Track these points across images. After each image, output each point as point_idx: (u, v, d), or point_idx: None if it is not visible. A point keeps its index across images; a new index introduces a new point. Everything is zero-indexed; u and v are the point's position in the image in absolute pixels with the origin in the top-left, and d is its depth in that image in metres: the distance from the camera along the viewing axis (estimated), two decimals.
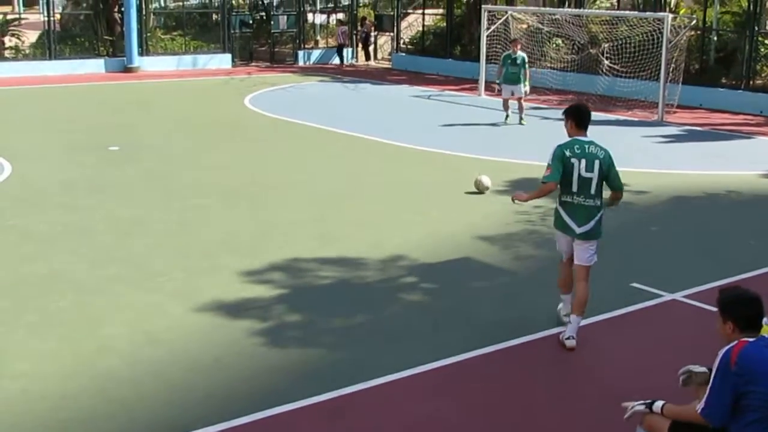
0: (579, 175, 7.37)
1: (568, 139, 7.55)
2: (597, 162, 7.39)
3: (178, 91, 25.46)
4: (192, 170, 14.52)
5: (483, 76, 24.05)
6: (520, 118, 19.22)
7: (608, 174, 7.46)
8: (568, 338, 7.56)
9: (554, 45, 26.21)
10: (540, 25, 25.15)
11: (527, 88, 19.32)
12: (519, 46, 19.56)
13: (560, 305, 8.10)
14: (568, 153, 7.39)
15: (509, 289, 9.09)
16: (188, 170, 14.53)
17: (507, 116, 19.33)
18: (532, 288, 9.02)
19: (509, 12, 25.00)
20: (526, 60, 19.33)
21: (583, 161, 7.37)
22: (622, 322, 8.25)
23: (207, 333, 7.77)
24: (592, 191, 7.42)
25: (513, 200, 7.93)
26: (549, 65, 25.47)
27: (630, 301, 8.59)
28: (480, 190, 13.08)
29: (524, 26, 25.70)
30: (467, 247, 10.30)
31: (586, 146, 7.43)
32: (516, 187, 13.16)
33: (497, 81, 19.82)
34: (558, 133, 8.53)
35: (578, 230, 7.49)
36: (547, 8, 27.05)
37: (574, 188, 7.40)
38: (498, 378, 7.09)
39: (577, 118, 7.54)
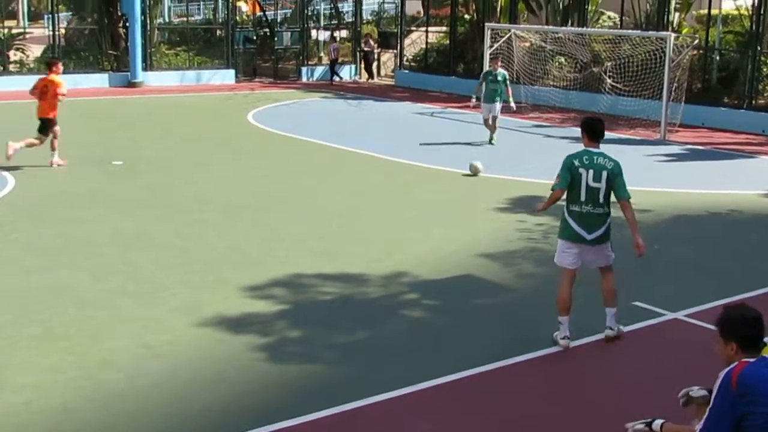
0: (587, 184, 7.68)
1: (580, 149, 7.89)
2: (605, 173, 7.70)
3: (181, 106, 25.54)
4: (195, 185, 14.56)
5: None
6: (491, 138, 18.90)
7: (613, 183, 7.72)
8: (606, 328, 7.99)
9: (557, 63, 26.31)
10: (543, 44, 25.25)
11: (513, 105, 19.10)
12: (499, 64, 19.32)
13: (556, 333, 7.96)
14: (576, 163, 7.73)
15: (511, 307, 9.10)
16: (191, 185, 14.57)
17: (492, 138, 18.90)
18: (534, 306, 9.02)
19: (512, 30, 25.10)
20: (507, 77, 19.09)
21: (591, 171, 7.69)
22: (624, 340, 8.23)
23: (208, 347, 7.78)
24: (600, 200, 7.74)
25: (535, 211, 8.74)
26: (552, 83, 25.56)
27: (632, 320, 8.57)
28: (474, 173, 15.23)
29: (527, 44, 25.80)
30: (469, 264, 10.32)
31: (595, 157, 7.76)
32: (517, 205, 13.23)
33: (473, 96, 19.68)
34: (561, 150, 8.60)
35: (588, 237, 7.77)
36: (550, 26, 27.15)
37: (582, 197, 7.71)
38: (498, 396, 7.09)
39: (590, 130, 7.92)
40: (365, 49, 33.66)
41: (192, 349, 7.71)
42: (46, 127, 15.57)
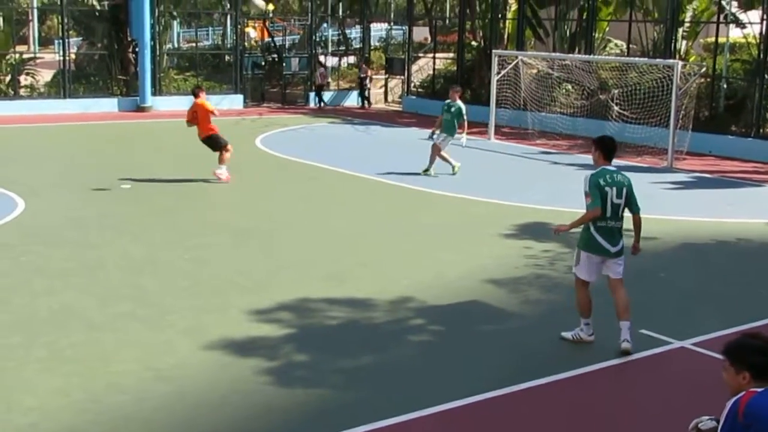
0: (612, 201, 8.20)
1: (597, 169, 8.34)
2: (624, 189, 8.30)
3: (190, 130, 25.53)
4: (203, 209, 14.63)
5: (493, 120, 24.22)
6: (427, 168, 17.93)
7: (630, 198, 8.32)
8: (623, 341, 8.30)
9: (564, 90, 26.41)
10: (550, 71, 25.37)
11: (463, 141, 18.21)
12: (456, 95, 18.10)
13: (576, 330, 8.53)
14: (602, 182, 8.21)
15: (517, 333, 9.09)
16: (200, 209, 14.63)
17: (453, 167, 17.95)
18: (540, 332, 9.02)
19: (519, 57, 25.23)
20: (463, 111, 17.83)
21: (614, 189, 8.28)
22: (631, 368, 8.22)
23: (215, 371, 7.79)
24: (620, 214, 8.36)
25: (555, 232, 8.88)
26: (559, 110, 25.65)
27: (639, 348, 8.54)
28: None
29: (534, 71, 25.93)
30: (475, 290, 10.32)
31: (614, 175, 8.32)
32: (523, 232, 13.23)
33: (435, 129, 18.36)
34: (567, 177, 8.65)
35: (612, 249, 8.30)
36: (557, 54, 27.28)
37: (608, 213, 8.22)
38: (504, 423, 7.08)
39: (606, 149, 8.47)
40: (360, 75, 33.68)
41: (198, 373, 7.73)
42: (214, 143, 17.04)
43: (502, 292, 10.30)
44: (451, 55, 33.09)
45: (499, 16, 30.48)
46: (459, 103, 18.00)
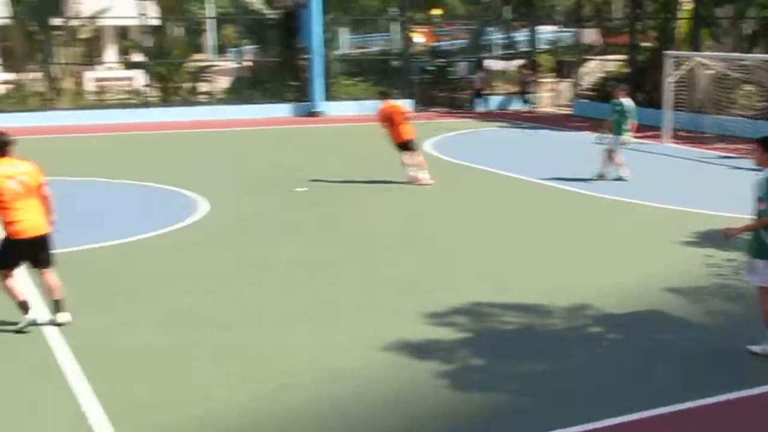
0: None
1: (765, 171, 8.10)
2: None
3: (361, 135, 26.05)
4: (376, 214, 14.83)
5: (668, 124, 23.42)
6: (600, 172, 17.51)
7: None
8: None
9: (744, 92, 25.22)
10: (728, 72, 24.29)
11: (627, 137, 17.50)
12: (623, 94, 17.76)
13: (765, 345, 8.08)
14: None
15: (700, 345, 8.69)
16: (372, 213, 14.84)
17: (621, 175, 17.46)
18: (724, 345, 8.59)
19: (694, 58, 24.29)
20: (627, 108, 17.42)
21: None
22: None
23: (389, 372, 7.85)
24: None
25: (725, 236, 8.47)
26: (739, 113, 24.51)
27: None
28: None
29: (711, 72, 24.90)
30: (654, 299, 9.97)
31: None
32: (704, 239, 12.68)
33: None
34: (750, 182, 8.33)
35: None
36: (736, 54, 26.06)
37: None
38: None
39: None
40: (523, 79, 33.32)
41: (373, 373, 7.80)
42: (408, 148, 17.18)
43: (682, 302, 9.90)
44: (622, 57, 32.22)
45: (672, 15, 29.44)
46: (625, 101, 17.65)
